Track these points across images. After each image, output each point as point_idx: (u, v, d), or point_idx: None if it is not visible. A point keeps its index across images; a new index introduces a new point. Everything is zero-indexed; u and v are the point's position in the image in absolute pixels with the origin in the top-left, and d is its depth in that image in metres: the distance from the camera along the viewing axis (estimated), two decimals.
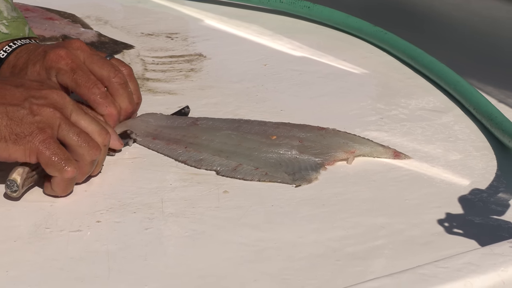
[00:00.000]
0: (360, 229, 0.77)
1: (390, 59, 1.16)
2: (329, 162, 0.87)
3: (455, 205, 0.80)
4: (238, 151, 0.88)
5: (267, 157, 0.87)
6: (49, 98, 0.80)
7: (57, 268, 0.71)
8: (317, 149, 0.88)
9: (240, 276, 0.71)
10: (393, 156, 0.89)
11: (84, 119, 0.82)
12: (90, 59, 0.91)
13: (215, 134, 0.91)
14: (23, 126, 0.78)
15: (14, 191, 0.79)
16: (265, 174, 0.85)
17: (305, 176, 0.84)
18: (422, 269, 0.61)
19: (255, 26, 1.28)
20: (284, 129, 0.91)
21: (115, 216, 0.78)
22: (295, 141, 0.89)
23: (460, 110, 1.00)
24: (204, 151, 0.89)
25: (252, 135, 0.91)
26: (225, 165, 0.86)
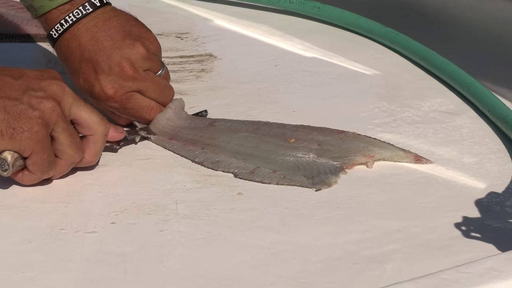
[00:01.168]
0: (376, 232, 0.77)
1: (401, 60, 1.16)
2: (348, 165, 0.86)
3: (472, 208, 0.80)
4: (255, 154, 0.87)
5: (285, 160, 0.86)
6: (49, 90, 0.79)
7: (73, 269, 0.71)
8: (336, 153, 0.87)
9: (256, 279, 0.70)
10: (415, 160, 0.88)
11: (84, 110, 0.82)
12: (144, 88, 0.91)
13: (232, 136, 0.90)
14: (21, 121, 0.77)
15: (4, 170, 0.78)
16: (283, 178, 0.84)
17: (324, 180, 0.84)
18: (443, 274, 0.61)
19: (265, 27, 1.28)
20: (303, 132, 0.90)
21: (130, 217, 0.78)
22: (314, 144, 0.88)
23: (474, 112, 1.00)
24: (221, 153, 0.88)
25: (270, 137, 0.90)
26: (242, 167, 0.86)
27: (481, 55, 1.12)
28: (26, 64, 1.10)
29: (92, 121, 0.82)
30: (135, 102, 0.91)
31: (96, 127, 0.82)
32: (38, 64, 1.11)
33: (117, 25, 0.90)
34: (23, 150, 0.78)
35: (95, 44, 0.89)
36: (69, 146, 0.80)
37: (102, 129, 0.83)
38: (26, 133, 0.77)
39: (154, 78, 0.92)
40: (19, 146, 0.77)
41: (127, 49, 0.89)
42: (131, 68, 0.89)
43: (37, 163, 0.79)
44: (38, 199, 0.80)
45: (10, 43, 1.16)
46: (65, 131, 0.80)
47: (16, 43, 1.16)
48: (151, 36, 0.92)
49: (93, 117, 0.82)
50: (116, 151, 0.88)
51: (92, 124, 0.82)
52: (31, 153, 0.78)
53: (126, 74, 0.89)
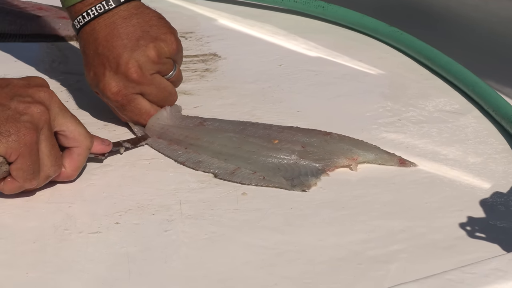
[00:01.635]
0: (381, 232, 0.76)
1: (406, 60, 1.15)
2: (330, 168, 0.86)
3: (477, 208, 0.80)
4: (237, 154, 0.87)
5: (266, 161, 0.86)
6: (36, 97, 0.78)
7: (77, 270, 0.70)
8: (319, 155, 0.87)
9: (260, 280, 0.70)
10: (399, 163, 0.87)
11: (71, 121, 0.80)
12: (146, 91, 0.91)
13: (216, 136, 0.90)
14: (8, 124, 0.75)
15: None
16: (262, 179, 0.84)
17: (303, 181, 0.83)
18: (448, 274, 0.60)
19: (269, 26, 1.28)
20: (288, 134, 0.90)
21: (134, 217, 0.78)
22: (298, 146, 0.88)
23: (478, 112, 1.00)
24: (204, 153, 0.88)
25: (254, 138, 0.89)
26: (223, 168, 0.86)
27: (486, 54, 1.12)
28: (29, 64, 1.09)
29: (78, 132, 0.81)
30: (135, 106, 0.91)
31: (82, 139, 0.81)
32: (42, 63, 1.11)
33: (136, 23, 0.90)
34: (10, 154, 0.75)
35: (109, 40, 0.89)
36: (48, 156, 0.78)
37: (88, 142, 0.82)
38: (13, 136, 0.75)
39: (160, 83, 0.92)
40: (5, 149, 0.75)
41: (138, 50, 0.89)
42: (137, 71, 0.89)
43: (21, 168, 0.76)
44: (42, 199, 0.80)
45: (14, 43, 1.16)
46: (47, 139, 0.78)
47: (19, 42, 1.16)
48: (169, 38, 0.91)
49: (79, 129, 0.81)
50: (102, 161, 0.87)
51: (78, 136, 0.81)
52: (17, 157, 0.76)
53: (131, 76, 0.89)
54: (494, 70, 1.07)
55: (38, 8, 1.22)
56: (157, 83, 0.91)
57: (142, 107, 0.91)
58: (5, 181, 0.78)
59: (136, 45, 0.89)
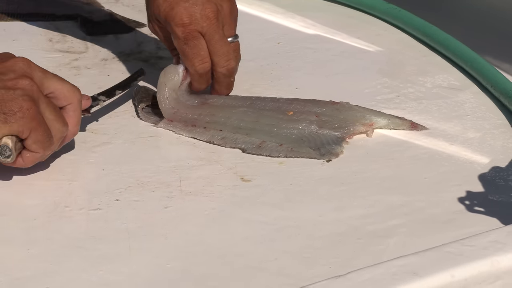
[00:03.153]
0: (380, 207, 0.77)
1: (404, 37, 1.15)
2: (349, 135, 0.87)
3: (476, 183, 0.80)
4: (257, 128, 0.87)
5: (288, 133, 0.87)
6: (17, 69, 0.78)
7: (78, 246, 0.71)
8: (335, 123, 0.88)
9: (260, 255, 0.71)
10: (411, 127, 0.89)
11: (56, 80, 0.80)
12: (210, 35, 0.90)
13: (231, 111, 0.90)
14: (7, 104, 0.75)
15: (7, 156, 0.76)
16: (290, 150, 0.84)
17: (330, 150, 0.84)
18: (448, 247, 0.61)
19: (267, 4, 1.27)
20: (298, 105, 0.91)
21: (134, 194, 0.78)
22: (312, 116, 0.88)
23: (477, 88, 1.00)
24: (224, 129, 0.88)
25: (267, 111, 0.90)
26: (249, 142, 0.86)
27: (484, 30, 1.12)
28: (27, 42, 1.09)
29: (67, 89, 0.80)
30: (198, 44, 0.90)
31: (71, 95, 0.81)
32: (40, 42, 1.10)
33: None
34: (22, 131, 0.76)
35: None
36: (56, 120, 0.78)
37: (78, 95, 0.81)
38: (18, 113, 0.75)
39: (225, 38, 0.91)
40: (16, 128, 0.76)
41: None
42: (213, 11, 0.89)
43: (38, 140, 0.77)
44: (42, 176, 0.80)
45: (11, 22, 1.15)
46: (48, 105, 0.78)
47: (17, 21, 1.15)
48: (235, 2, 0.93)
49: (66, 86, 0.81)
50: (90, 114, 0.87)
51: (68, 93, 0.80)
52: (30, 131, 0.76)
53: (206, 14, 0.89)
54: (493, 46, 1.07)
55: None
56: (222, 34, 0.91)
57: (202, 48, 0.90)
58: (23, 156, 0.78)
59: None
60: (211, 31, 0.90)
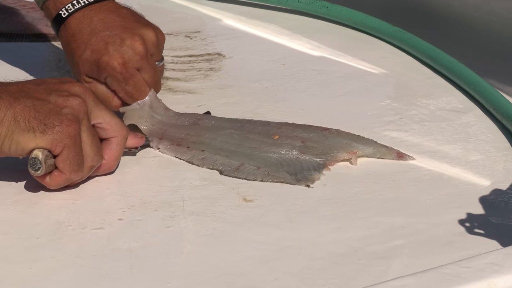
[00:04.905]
0: (381, 229, 0.77)
1: (409, 59, 1.16)
2: (331, 162, 0.87)
3: (476, 205, 0.80)
4: (238, 151, 0.88)
5: (268, 156, 0.87)
6: (72, 91, 0.81)
7: (80, 265, 0.71)
8: (319, 150, 0.88)
9: (261, 275, 0.71)
10: (397, 157, 0.88)
11: (107, 112, 0.83)
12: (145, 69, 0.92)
13: (217, 133, 0.91)
14: (51, 117, 0.78)
15: (37, 169, 0.78)
16: (267, 174, 0.85)
17: (307, 176, 0.84)
18: (445, 268, 0.61)
19: (274, 26, 1.28)
20: (287, 129, 0.91)
21: (136, 214, 0.79)
22: (297, 142, 0.89)
23: (480, 111, 1.00)
24: (206, 149, 0.89)
25: (254, 134, 0.90)
26: (227, 164, 0.86)
27: (487, 54, 1.13)
28: (36, 63, 1.10)
29: (115, 123, 0.83)
30: (138, 80, 0.91)
31: (119, 129, 0.83)
32: (48, 63, 1.12)
33: (127, 13, 0.94)
34: (55, 145, 0.78)
35: (107, 22, 0.91)
36: (91, 146, 0.80)
37: (125, 131, 0.84)
38: (58, 127, 0.78)
39: (155, 66, 0.94)
40: (51, 141, 0.77)
41: (140, 29, 0.92)
42: (143, 46, 0.91)
43: (67, 159, 0.78)
44: (46, 195, 0.81)
45: (20, 42, 1.17)
46: (88, 129, 0.80)
47: (26, 42, 1.17)
48: (158, 29, 0.95)
49: (115, 119, 0.83)
50: (135, 154, 0.89)
51: (115, 126, 0.83)
52: (63, 148, 0.78)
53: (137, 50, 0.91)
54: (496, 69, 1.08)
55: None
56: (154, 65, 0.94)
57: (143, 84, 0.92)
58: (51, 175, 0.79)
59: (136, 26, 0.92)
60: (145, 64, 0.92)
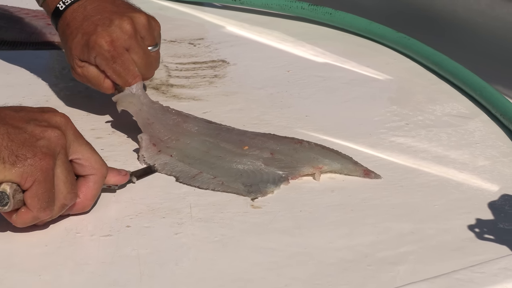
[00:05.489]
0: (390, 234, 0.77)
1: (413, 65, 1.16)
2: (293, 176, 0.86)
3: (485, 211, 0.80)
4: (203, 159, 0.88)
5: (230, 167, 0.87)
6: (52, 121, 0.76)
7: (89, 272, 0.71)
8: (285, 163, 0.87)
9: (270, 281, 0.71)
10: (363, 174, 0.87)
11: (87, 148, 0.78)
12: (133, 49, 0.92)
13: (193, 138, 0.90)
14: (25, 148, 0.72)
15: (4, 204, 0.72)
16: (221, 184, 0.84)
17: (261, 188, 0.84)
18: (457, 274, 0.61)
19: (277, 33, 1.28)
20: (260, 140, 0.90)
21: (144, 221, 0.79)
22: (266, 153, 0.88)
23: (486, 116, 1.00)
24: (174, 155, 0.88)
25: (226, 143, 0.90)
26: (186, 171, 0.86)
27: (492, 59, 1.13)
28: (40, 71, 1.10)
29: (95, 160, 0.78)
30: (125, 59, 0.92)
31: (98, 166, 0.78)
32: (52, 70, 1.12)
33: (122, 2, 0.97)
34: (24, 179, 0.72)
35: (100, 9, 0.94)
36: (64, 183, 0.74)
37: (104, 169, 0.79)
38: (30, 160, 0.72)
39: (146, 49, 0.95)
40: (20, 175, 0.71)
41: (132, 12, 0.94)
42: (131, 25, 0.92)
43: (37, 196, 0.72)
44: None
45: (24, 51, 1.16)
46: (63, 164, 0.74)
47: (30, 50, 1.17)
48: (151, 17, 0.97)
49: (95, 156, 0.78)
50: (115, 191, 0.83)
51: (95, 163, 0.78)
52: (33, 183, 0.72)
53: (125, 29, 0.92)
54: (501, 74, 1.08)
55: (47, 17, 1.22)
56: (145, 47, 0.94)
57: (131, 63, 0.92)
58: (18, 212, 0.73)
59: (128, 10, 0.94)
60: (133, 44, 0.93)
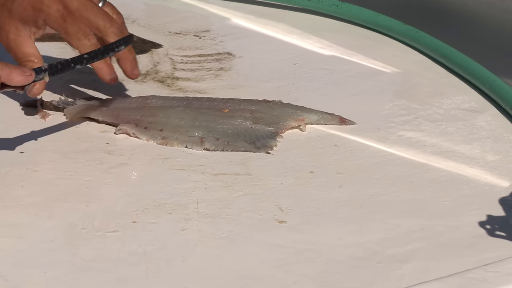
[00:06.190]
0: (399, 231, 0.76)
1: (421, 58, 1.15)
2: (282, 130, 0.92)
3: (496, 207, 0.79)
4: (196, 125, 0.91)
5: (225, 128, 0.91)
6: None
7: (96, 269, 0.70)
8: (269, 120, 0.93)
9: (279, 279, 0.70)
10: (340, 122, 0.94)
11: None
12: (84, 7, 0.90)
13: (170, 111, 0.93)
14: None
15: None
16: (227, 144, 0.88)
17: (265, 143, 0.89)
18: (470, 273, 0.60)
19: (283, 25, 1.27)
20: (233, 103, 0.95)
21: (150, 216, 0.78)
22: (247, 113, 0.93)
23: (496, 110, 0.99)
24: (165, 129, 0.90)
25: (205, 109, 0.94)
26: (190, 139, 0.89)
27: (502, 52, 1.11)
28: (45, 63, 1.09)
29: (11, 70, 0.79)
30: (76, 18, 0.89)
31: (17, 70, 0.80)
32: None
33: None
34: None
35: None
36: None
37: None
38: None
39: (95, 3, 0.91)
40: None
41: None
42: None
43: None
44: (59, 198, 0.80)
45: None
46: None
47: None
48: None
49: None
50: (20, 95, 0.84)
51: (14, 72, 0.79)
52: None
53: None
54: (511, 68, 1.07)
55: None
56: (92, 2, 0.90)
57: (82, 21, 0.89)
58: None
59: None
60: (80, 2, 0.90)
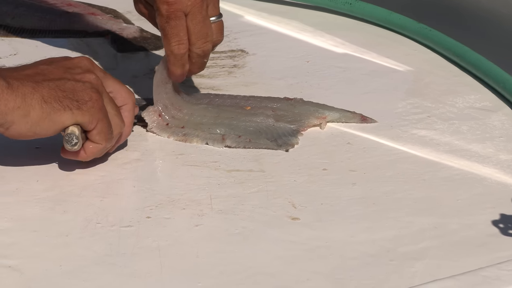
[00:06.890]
0: (412, 229, 0.76)
1: (434, 57, 1.15)
2: (303, 128, 0.92)
3: (509, 205, 0.79)
4: (217, 122, 0.92)
5: (247, 125, 0.91)
6: (82, 66, 0.83)
7: (110, 263, 0.71)
8: (290, 117, 0.93)
9: (292, 275, 0.70)
10: (361, 120, 0.94)
11: (115, 82, 0.85)
12: (192, 15, 0.89)
13: (193, 107, 0.93)
14: (78, 94, 0.80)
15: (74, 144, 0.80)
16: (249, 141, 0.89)
17: (287, 141, 0.89)
18: (484, 271, 0.60)
19: (296, 22, 1.27)
20: (255, 101, 0.96)
21: (164, 212, 0.78)
22: (269, 111, 0.94)
23: (509, 109, 0.99)
24: (186, 125, 0.91)
25: (227, 107, 0.94)
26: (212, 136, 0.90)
27: None
28: None
29: (125, 90, 0.85)
30: (178, 24, 0.89)
31: (128, 96, 0.85)
32: None
33: None
34: (91, 121, 0.80)
35: None
36: (116, 115, 0.83)
37: (133, 97, 0.86)
38: (89, 102, 0.80)
39: (207, 18, 0.90)
40: (88, 117, 0.79)
41: None
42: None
43: (102, 131, 0.81)
44: (74, 193, 0.81)
45: (43, 38, 1.16)
46: (110, 100, 0.83)
47: (49, 38, 1.16)
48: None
49: (124, 87, 0.85)
50: None
51: (125, 93, 0.85)
52: (97, 122, 0.80)
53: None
54: None
55: (67, 4, 1.22)
56: (205, 15, 0.90)
57: (182, 29, 0.89)
58: (85, 148, 0.81)
59: None
60: (194, 11, 0.90)
